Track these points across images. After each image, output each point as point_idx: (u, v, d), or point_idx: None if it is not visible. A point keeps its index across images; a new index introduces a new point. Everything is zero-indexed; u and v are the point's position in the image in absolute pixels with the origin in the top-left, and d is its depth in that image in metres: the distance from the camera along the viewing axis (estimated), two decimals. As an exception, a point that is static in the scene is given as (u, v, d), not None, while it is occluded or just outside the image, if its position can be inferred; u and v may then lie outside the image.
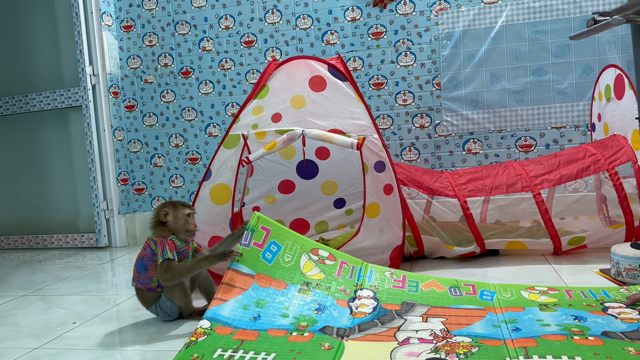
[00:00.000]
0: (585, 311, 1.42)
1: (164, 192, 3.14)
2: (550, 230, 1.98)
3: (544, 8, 2.55)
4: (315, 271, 1.64)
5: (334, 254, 1.73)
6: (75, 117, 3.08)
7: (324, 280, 1.61)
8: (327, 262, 1.69)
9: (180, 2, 3.02)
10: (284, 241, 1.65)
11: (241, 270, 1.54)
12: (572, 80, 2.54)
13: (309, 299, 1.52)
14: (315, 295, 1.55)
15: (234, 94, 2.99)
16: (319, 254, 1.70)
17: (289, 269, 1.60)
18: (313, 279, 1.61)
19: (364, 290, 1.63)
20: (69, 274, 2.40)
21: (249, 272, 1.54)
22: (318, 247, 1.72)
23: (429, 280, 1.71)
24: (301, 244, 1.69)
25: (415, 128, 2.76)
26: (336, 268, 1.68)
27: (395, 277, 1.71)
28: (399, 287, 1.66)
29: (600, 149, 2.04)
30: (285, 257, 1.63)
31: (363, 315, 1.48)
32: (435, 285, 1.67)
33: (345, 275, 1.66)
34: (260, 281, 1.53)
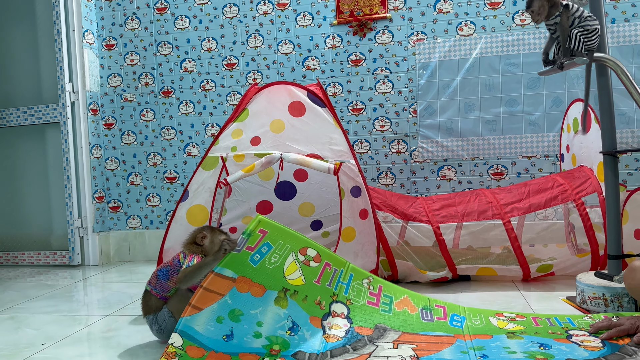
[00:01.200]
0: (551, 339, 1.47)
1: (139, 211, 3.12)
2: (520, 258, 2.04)
3: (516, 42, 2.65)
4: (297, 275, 1.59)
5: (321, 255, 1.66)
6: (53, 133, 3.06)
7: (303, 287, 1.57)
8: (311, 264, 1.63)
9: (163, 23, 3.05)
10: (277, 240, 1.59)
11: (224, 274, 1.48)
12: (543, 112, 2.64)
13: (283, 313, 1.50)
14: (291, 307, 1.52)
15: (214, 115, 3.01)
16: (306, 253, 1.64)
17: (272, 271, 1.54)
18: (292, 284, 1.56)
19: (338, 304, 1.60)
20: (40, 293, 2.37)
21: (231, 276, 1.48)
22: (309, 245, 1.65)
23: (403, 296, 1.71)
24: (292, 243, 1.62)
25: (391, 153, 2.82)
26: (318, 272, 1.63)
27: (371, 289, 1.68)
28: (373, 304, 1.66)
29: (568, 179, 2.12)
30: (272, 257, 1.57)
31: (336, 339, 1.50)
32: (408, 304, 1.68)
33: (324, 282, 1.63)
34: (240, 285, 1.48)
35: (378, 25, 2.80)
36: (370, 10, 2.79)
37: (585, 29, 1.63)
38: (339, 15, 2.82)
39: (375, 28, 2.80)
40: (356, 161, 1.98)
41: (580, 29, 1.64)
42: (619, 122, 2.55)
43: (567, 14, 1.65)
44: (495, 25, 2.68)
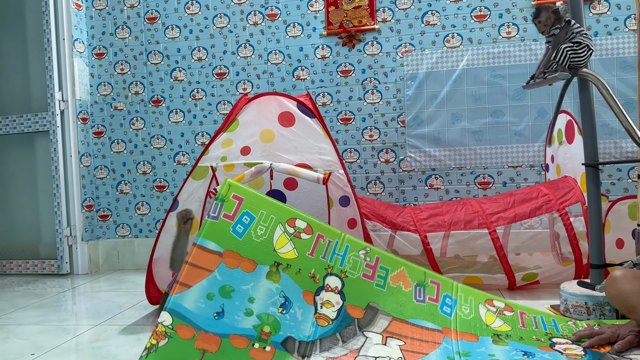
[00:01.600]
0: (534, 347, 1.50)
1: (129, 220, 3.12)
2: (505, 267, 2.08)
3: (502, 54, 2.70)
4: (289, 248, 1.52)
5: (311, 226, 1.58)
6: (42, 141, 3.06)
7: (296, 260, 1.50)
8: (302, 236, 1.55)
9: (154, 32, 3.07)
10: (258, 211, 1.51)
11: (208, 247, 1.42)
12: (528, 123, 2.69)
13: (275, 288, 1.45)
14: (284, 281, 1.46)
15: (204, 124, 3.03)
16: (295, 225, 1.56)
17: (260, 245, 1.48)
18: (284, 258, 1.50)
19: (332, 277, 1.53)
20: (28, 302, 2.36)
21: (216, 250, 1.42)
22: (296, 216, 1.57)
23: (400, 268, 1.62)
24: (277, 214, 1.54)
25: (380, 163, 2.85)
26: (311, 245, 1.56)
27: (368, 260, 1.60)
28: (369, 277, 1.58)
29: (552, 189, 2.16)
30: (259, 229, 1.49)
31: (326, 322, 1.47)
32: (403, 278, 1.62)
33: (318, 255, 1.55)
34: (228, 260, 1.42)
35: (367, 36, 2.84)
36: (359, 22, 2.83)
37: (574, 43, 1.68)
38: (329, 26, 2.86)
39: (364, 39, 2.84)
40: (345, 171, 2.01)
41: (570, 44, 1.68)
42: (602, 133, 2.61)
43: (567, 29, 1.69)
44: (482, 37, 2.74)
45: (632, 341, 1.44)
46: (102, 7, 3.12)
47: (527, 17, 2.69)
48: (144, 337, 1.77)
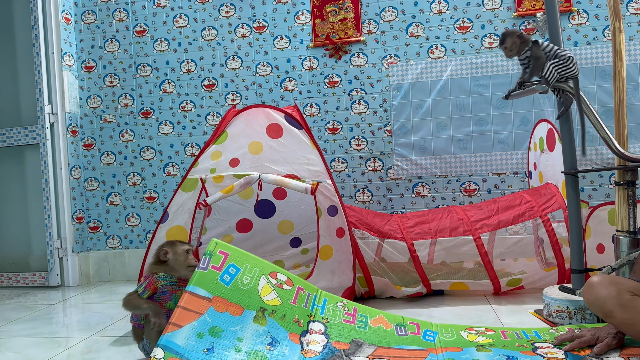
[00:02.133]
0: (517, 351, 1.54)
1: (119, 231, 3.14)
2: (490, 273, 2.13)
3: (485, 64, 2.77)
4: (273, 296, 1.63)
5: (291, 279, 1.71)
6: (32, 154, 3.08)
7: (280, 307, 1.61)
8: (284, 287, 1.67)
9: (143, 45, 3.10)
10: (243, 263, 1.63)
11: (198, 293, 1.52)
12: (511, 131, 2.75)
13: (262, 330, 1.54)
14: (270, 325, 1.56)
15: (193, 135, 3.06)
16: (277, 277, 1.68)
17: (247, 292, 1.59)
18: (270, 304, 1.60)
19: (315, 323, 1.65)
20: (19, 315, 2.37)
21: (206, 295, 1.52)
22: (277, 270, 1.70)
23: (377, 315, 1.76)
24: (260, 267, 1.66)
25: (368, 171, 2.90)
26: (293, 294, 1.68)
27: (346, 310, 1.74)
28: (350, 321, 1.71)
29: (535, 196, 2.22)
30: (244, 279, 1.61)
31: (313, 354, 1.55)
32: (383, 322, 1.74)
33: (300, 303, 1.67)
34: (217, 305, 1.52)
35: (353, 48, 2.90)
36: (345, 34, 2.88)
37: (560, 59, 1.73)
38: (315, 38, 2.91)
39: (350, 51, 2.90)
40: (332, 181, 2.05)
41: (556, 60, 1.74)
42: (583, 140, 2.67)
43: (538, 47, 1.75)
44: (465, 48, 2.80)
45: (610, 343, 1.49)
46: (91, 20, 3.16)
47: (509, 27, 2.76)
48: (135, 349, 1.79)
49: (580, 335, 1.58)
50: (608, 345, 1.49)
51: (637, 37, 2.65)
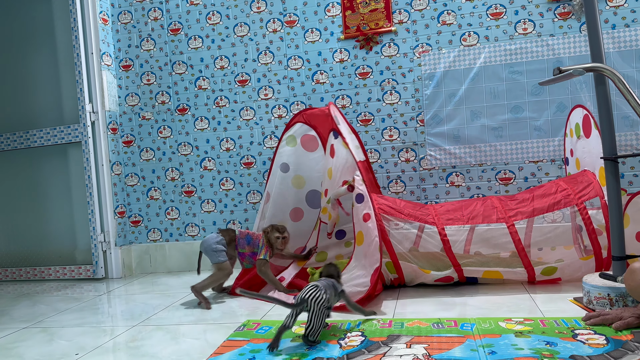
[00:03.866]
0: (557, 337, 1.54)
1: (159, 224, 3.24)
2: (524, 260, 2.11)
3: (519, 50, 2.73)
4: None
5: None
6: (75, 152, 3.20)
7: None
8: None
9: (177, 43, 3.18)
10: (274, 324, 1.88)
11: (236, 339, 1.75)
12: (547, 117, 2.71)
13: (300, 343, 1.66)
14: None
15: (228, 130, 3.12)
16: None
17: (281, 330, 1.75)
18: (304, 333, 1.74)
19: (353, 332, 1.74)
20: (68, 306, 2.48)
21: (244, 339, 1.74)
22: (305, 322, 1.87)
23: (414, 320, 1.83)
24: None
25: (401, 162, 2.90)
26: (326, 326, 1.81)
27: (382, 322, 1.83)
28: (386, 326, 1.79)
29: (571, 184, 2.18)
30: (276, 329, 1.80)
31: (352, 347, 1.59)
32: (419, 323, 1.80)
33: (335, 328, 1.80)
34: (255, 341, 1.72)
35: (384, 38, 2.89)
36: (375, 24, 2.88)
37: None
38: (346, 30, 2.92)
39: (381, 41, 2.90)
40: (360, 170, 2.14)
41: None
42: (623, 125, 2.61)
43: None
44: (498, 34, 2.76)
45: (630, 323, 1.55)
46: (127, 20, 3.25)
47: (543, 12, 2.71)
48: (179, 337, 1.86)
49: (605, 312, 1.62)
50: (628, 324, 1.55)
51: (679, 18, 2.56)
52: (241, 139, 3.11)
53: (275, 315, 2.04)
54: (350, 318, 1.90)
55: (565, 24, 2.69)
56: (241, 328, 1.86)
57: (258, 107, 3.08)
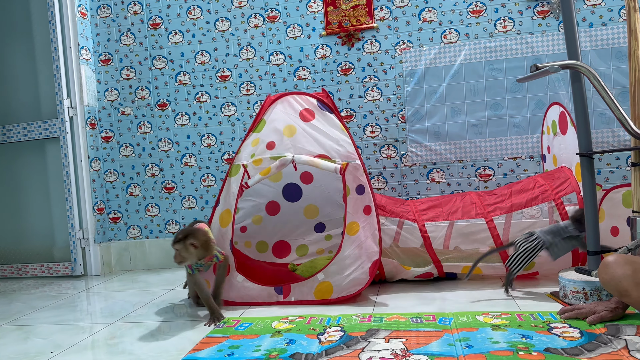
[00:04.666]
0: (533, 331, 1.56)
1: (139, 221, 3.21)
2: (502, 255, 2.13)
3: (499, 48, 2.75)
4: (286, 325, 1.80)
5: (303, 315, 1.90)
6: (53, 148, 3.15)
7: (295, 327, 1.77)
8: (297, 320, 1.85)
9: (158, 38, 3.14)
10: (254, 320, 1.89)
11: (215, 336, 1.74)
12: (526, 115, 2.74)
13: (279, 338, 1.67)
14: (287, 335, 1.69)
15: (209, 125, 3.10)
16: (288, 318, 1.88)
17: (261, 329, 1.78)
18: (284, 329, 1.76)
19: (332, 328, 1.75)
20: (45, 304, 2.45)
21: (222, 336, 1.73)
22: (287, 315, 1.92)
23: (393, 315, 1.84)
24: (270, 317, 1.91)
25: (382, 158, 2.91)
26: (306, 319, 1.85)
27: (362, 317, 1.83)
28: (366, 321, 1.80)
29: (549, 180, 2.21)
30: (257, 325, 1.83)
31: (331, 342, 1.59)
32: (398, 317, 1.81)
33: (315, 322, 1.81)
34: (234, 337, 1.71)
35: (365, 35, 2.90)
36: (357, 21, 2.88)
37: None
38: (328, 26, 2.92)
39: (362, 38, 2.90)
40: (361, 162, 2.12)
41: None
42: (600, 122, 2.66)
43: None
44: (478, 32, 2.78)
45: (604, 316, 1.58)
46: (106, 14, 3.20)
47: (523, 11, 2.74)
48: (158, 334, 1.85)
49: (580, 306, 1.65)
50: (601, 318, 1.59)
51: (654, 17, 2.60)
52: (222, 135, 3.09)
53: (255, 312, 2.03)
54: (330, 313, 1.90)
55: (544, 22, 2.72)
56: (220, 325, 1.85)
57: (240, 103, 3.06)
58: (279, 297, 2.11)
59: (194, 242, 1.95)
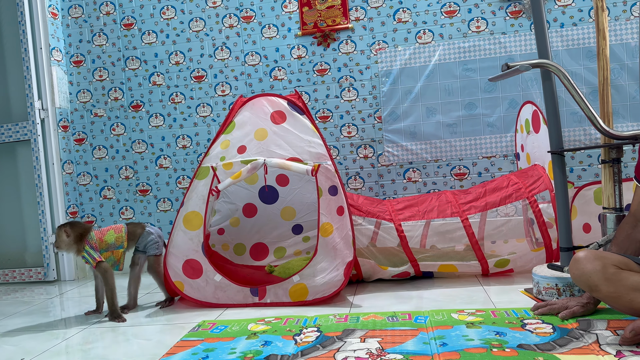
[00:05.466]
0: (507, 327, 1.58)
1: (113, 224, 3.14)
2: (477, 253, 2.16)
3: (472, 48, 2.78)
4: (262, 327, 1.79)
5: (279, 317, 1.89)
6: (24, 151, 3.08)
7: (271, 329, 1.75)
8: (273, 322, 1.84)
9: (131, 38, 3.10)
10: (230, 323, 1.86)
11: (190, 339, 1.71)
12: (500, 114, 2.77)
13: (255, 340, 1.65)
14: (263, 337, 1.68)
15: (184, 127, 3.07)
16: (265, 320, 1.87)
17: (237, 332, 1.76)
18: (259, 330, 1.75)
19: (309, 328, 1.74)
20: (16, 310, 2.39)
21: (198, 339, 1.71)
22: (264, 317, 1.92)
23: (369, 314, 1.84)
24: (246, 319, 1.89)
25: (359, 158, 2.92)
26: (282, 321, 1.84)
27: (338, 317, 1.83)
28: (342, 320, 1.79)
29: (522, 178, 2.24)
30: (234, 327, 1.81)
31: (307, 343, 1.58)
32: (375, 317, 1.81)
33: (291, 323, 1.81)
34: (209, 340, 1.69)
35: (341, 35, 2.90)
36: (332, 21, 2.89)
37: None
38: (303, 26, 2.92)
39: (338, 38, 2.90)
40: (333, 163, 2.10)
41: None
42: (572, 120, 2.70)
43: None
44: (452, 32, 2.81)
45: (576, 311, 1.61)
46: (78, 15, 3.15)
47: (496, 11, 2.77)
48: (132, 338, 1.82)
49: (552, 302, 1.69)
50: (573, 313, 1.62)
51: (622, 17, 2.67)
52: (198, 136, 3.06)
53: (231, 314, 2.02)
54: (307, 314, 1.89)
55: (517, 22, 2.76)
56: (196, 328, 1.83)
57: (215, 104, 3.04)
58: (254, 299, 2.10)
59: (67, 230, 2.06)
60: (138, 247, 2.21)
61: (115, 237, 2.14)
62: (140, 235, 2.20)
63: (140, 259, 2.22)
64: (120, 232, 2.16)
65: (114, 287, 2.09)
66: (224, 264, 2.48)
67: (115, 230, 2.16)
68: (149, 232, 2.21)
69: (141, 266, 2.23)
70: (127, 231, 2.18)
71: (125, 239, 2.16)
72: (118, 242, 2.15)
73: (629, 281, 1.41)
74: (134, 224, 2.25)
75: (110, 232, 2.15)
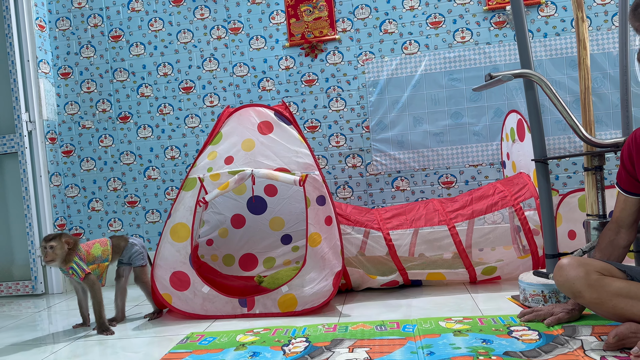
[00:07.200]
0: (493, 335, 1.59)
1: (102, 236, 3.14)
2: (465, 261, 2.17)
3: (458, 58, 2.82)
4: (251, 338, 1.79)
5: (268, 327, 1.89)
6: (11, 163, 3.06)
7: (260, 340, 1.75)
8: (261, 333, 1.84)
9: (119, 50, 3.11)
10: (218, 334, 1.86)
11: (177, 352, 1.70)
12: (486, 123, 2.81)
13: (243, 351, 1.65)
14: (251, 348, 1.68)
15: (173, 138, 3.07)
16: (254, 331, 1.87)
17: (225, 343, 1.76)
18: (248, 342, 1.74)
19: (297, 339, 1.74)
20: (3, 324, 2.37)
21: (186, 351, 1.70)
22: (252, 328, 1.91)
23: (358, 323, 1.85)
24: (235, 331, 1.89)
25: (348, 167, 2.93)
26: (271, 331, 1.84)
27: (327, 327, 1.84)
28: (331, 330, 1.80)
29: (508, 186, 2.27)
30: (222, 339, 1.81)
31: (295, 353, 1.59)
32: (363, 326, 1.82)
33: (280, 334, 1.81)
34: (197, 352, 1.69)
35: (328, 46, 2.93)
36: (320, 32, 2.91)
37: None
38: (291, 38, 2.94)
39: (325, 49, 2.93)
40: (321, 173, 2.11)
41: None
42: (556, 128, 2.74)
43: None
44: (438, 43, 2.85)
45: (561, 318, 1.63)
46: (65, 27, 3.15)
47: (480, 22, 2.81)
48: (120, 351, 1.81)
49: (538, 309, 1.70)
50: (558, 319, 1.64)
51: (604, 27, 2.72)
52: (187, 147, 3.06)
53: (220, 325, 2.01)
54: (296, 324, 1.90)
55: (501, 32, 2.80)
56: (184, 340, 1.83)
57: (204, 115, 3.05)
58: (243, 310, 2.10)
59: (69, 240, 2.04)
60: (122, 260, 2.21)
61: (101, 250, 2.14)
62: (125, 247, 2.19)
63: (125, 270, 2.22)
64: (105, 246, 2.15)
65: (102, 300, 2.08)
66: (214, 276, 2.47)
67: (101, 243, 2.16)
68: (132, 243, 2.21)
69: (127, 278, 2.22)
70: (112, 244, 2.17)
71: (110, 252, 2.15)
72: (104, 255, 2.14)
73: (612, 287, 1.43)
74: (117, 237, 2.25)
75: (97, 246, 2.14)
